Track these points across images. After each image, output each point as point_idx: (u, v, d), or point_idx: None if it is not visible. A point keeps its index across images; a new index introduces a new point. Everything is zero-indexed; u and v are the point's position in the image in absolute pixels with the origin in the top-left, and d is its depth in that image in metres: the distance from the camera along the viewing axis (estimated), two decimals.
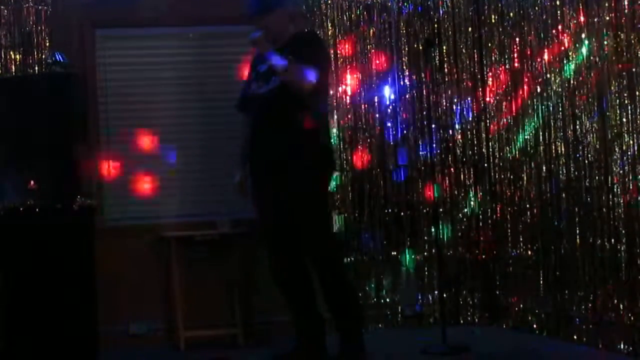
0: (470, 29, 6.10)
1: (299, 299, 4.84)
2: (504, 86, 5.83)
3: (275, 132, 4.65)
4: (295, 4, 5.46)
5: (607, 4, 4.63)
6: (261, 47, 4.64)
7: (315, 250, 4.71)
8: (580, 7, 4.91)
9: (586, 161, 4.92)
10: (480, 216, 6.04)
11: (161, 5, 5.82)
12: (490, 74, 5.99)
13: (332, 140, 5.00)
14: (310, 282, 4.82)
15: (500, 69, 5.86)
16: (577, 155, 5.00)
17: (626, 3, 4.48)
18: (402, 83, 6.08)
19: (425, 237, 6.01)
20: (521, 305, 5.67)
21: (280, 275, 4.84)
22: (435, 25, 6.11)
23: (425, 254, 6.00)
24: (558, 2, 5.13)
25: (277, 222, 4.75)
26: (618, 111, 4.60)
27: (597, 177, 4.83)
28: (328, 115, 5.08)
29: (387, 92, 6.05)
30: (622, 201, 4.60)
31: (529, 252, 5.58)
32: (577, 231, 5.01)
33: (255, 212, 4.91)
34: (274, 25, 4.71)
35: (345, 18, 6.00)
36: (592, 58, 4.82)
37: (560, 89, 5.16)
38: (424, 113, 5.94)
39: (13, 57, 5.66)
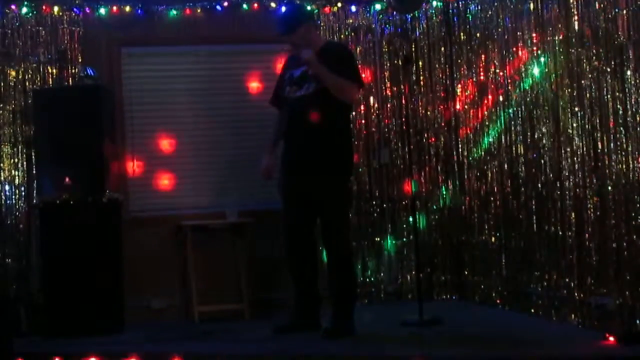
0: (442, 47, 6.35)
1: (305, 280, 5.02)
2: (471, 96, 6.04)
3: (307, 135, 4.82)
4: (314, 15, 5.62)
5: (560, 25, 4.82)
6: (312, 67, 4.81)
7: (333, 242, 4.87)
8: (536, 27, 5.09)
9: (542, 160, 5.10)
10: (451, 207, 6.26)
11: (177, 27, 6.11)
12: (459, 86, 6.21)
13: (352, 146, 5.13)
14: (317, 267, 5.03)
15: (468, 81, 6.07)
16: (534, 155, 5.18)
17: (576, 24, 4.66)
18: (384, 94, 6.34)
19: (404, 226, 6.27)
20: (486, 284, 5.89)
21: (294, 261, 5.00)
22: (413, 45, 6.37)
23: (404, 240, 6.25)
24: (518, 24, 5.32)
25: (301, 215, 4.91)
26: (569, 117, 4.77)
27: (550, 174, 5.01)
28: (350, 123, 5.24)
29: (372, 101, 6.30)
30: (572, 195, 4.77)
31: (493, 239, 5.78)
32: (534, 220, 5.21)
33: (281, 203, 5.05)
34: (302, 41, 4.88)
35: (336, 38, 6.25)
36: (547, 71, 5.00)
37: (519, 98, 5.34)
38: (403, 119, 6.12)
39: (50, 71, 5.94)
